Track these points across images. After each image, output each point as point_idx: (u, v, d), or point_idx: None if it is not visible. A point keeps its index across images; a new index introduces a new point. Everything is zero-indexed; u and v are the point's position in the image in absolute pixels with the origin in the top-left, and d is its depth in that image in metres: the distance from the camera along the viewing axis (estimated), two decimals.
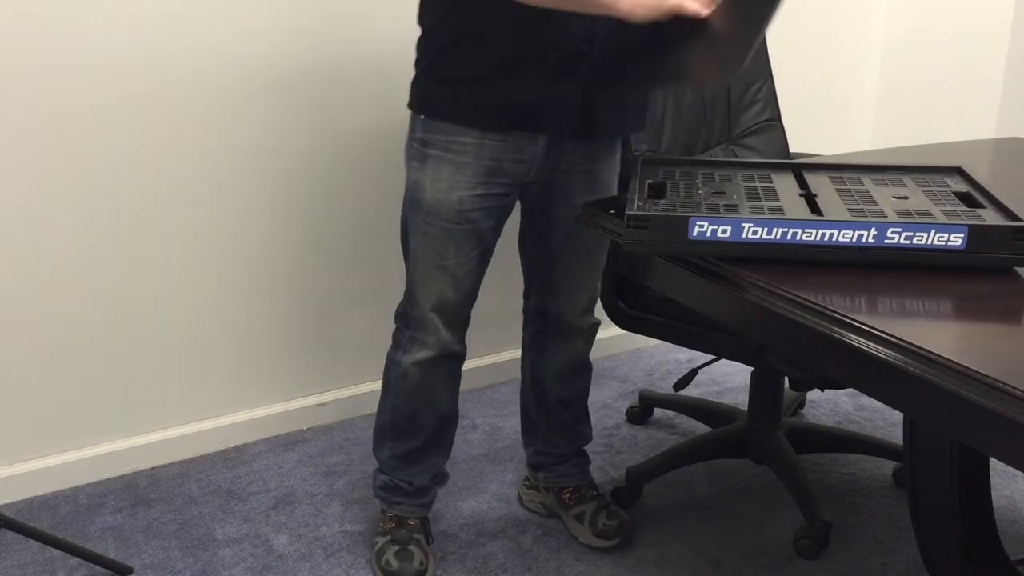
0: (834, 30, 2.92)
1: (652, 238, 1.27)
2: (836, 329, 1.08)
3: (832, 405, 2.50)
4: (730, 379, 2.64)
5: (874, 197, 1.37)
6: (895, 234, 1.23)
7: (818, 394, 2.53)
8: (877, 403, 2.45)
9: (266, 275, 2.28)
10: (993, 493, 1.59)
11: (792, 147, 2.20)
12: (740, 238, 1.25)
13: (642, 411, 2.45)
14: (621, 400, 2.55)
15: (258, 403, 2.36)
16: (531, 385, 1.97)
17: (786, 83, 2.24)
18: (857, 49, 2.98)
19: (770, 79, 2.16)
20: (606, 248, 1.84)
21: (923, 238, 1.22)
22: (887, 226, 1.23)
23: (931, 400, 0.98)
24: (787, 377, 1.92)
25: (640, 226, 1.27)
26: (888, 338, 1.03)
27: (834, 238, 1.24)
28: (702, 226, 1.26)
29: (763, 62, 2.15)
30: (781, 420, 2.13)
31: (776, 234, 1.24)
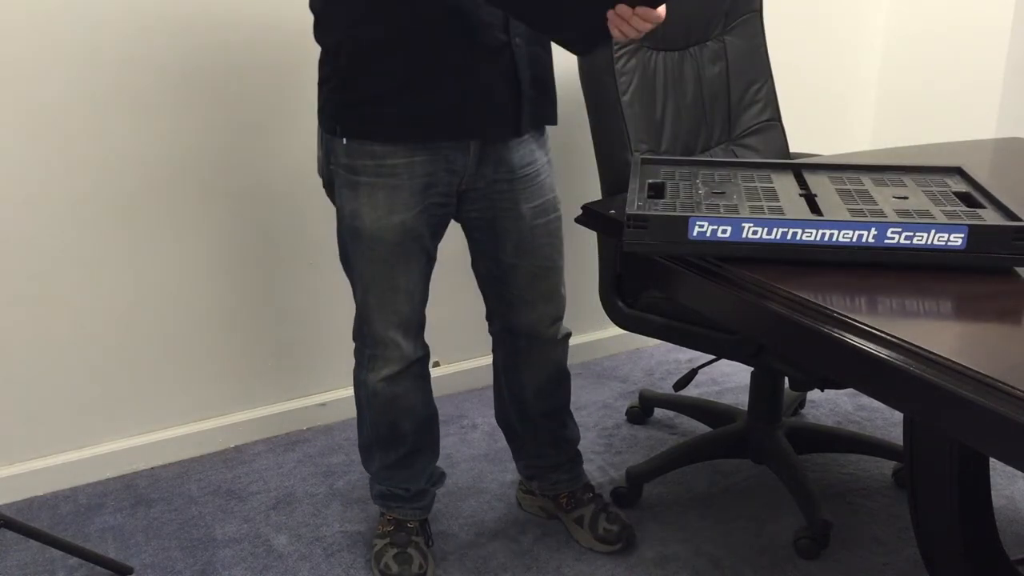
0: (834, 30, 2.91)
1: (652, 238, 1.28)
2: (836, 329, 1.08)
3: (832, 405, 2.50)
4: (730, 379, 2.64)
5: (874, 197, 1.37)
6: (895, 234, 1.23)
7: (818, 394, 2.52)
8: (877, 403, 2.45)
9: (267, 274, 2.28)
10: (993, 493, 1.58)
11: (792, 147, 2.20)
12: (740, 238, 1.25)
13: (642, 411, 2.45)
14: (621, 400, 2.54)
15: (258, 403, 2.36)
16: (511, 404, 1.93)
17: (786, 83, 2.24)
18: (857, 49, 2.98)
19: (770, 79, 2.16)
20: (561, 252, 1.79)
21: (923, 238, 1.22)
22: (887, 226, 1.23)
23: (931, 400, 0.98)
24: (787, 377, 1.91)
25: (640, 226, 1.27)
26: (888, 338, 1.03)
27: (834, 238, 1.24)
28: (702, 226, 1.26)
29: (763, 62, 2.15)
30: (781, 420, 2.13)
31: (776, 234, 1.25)
